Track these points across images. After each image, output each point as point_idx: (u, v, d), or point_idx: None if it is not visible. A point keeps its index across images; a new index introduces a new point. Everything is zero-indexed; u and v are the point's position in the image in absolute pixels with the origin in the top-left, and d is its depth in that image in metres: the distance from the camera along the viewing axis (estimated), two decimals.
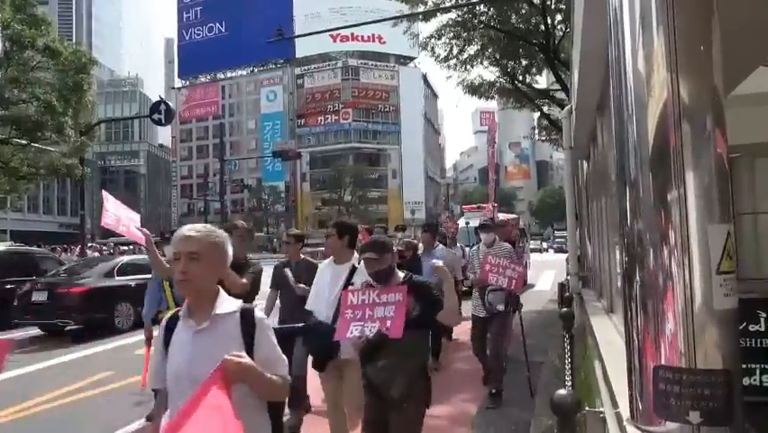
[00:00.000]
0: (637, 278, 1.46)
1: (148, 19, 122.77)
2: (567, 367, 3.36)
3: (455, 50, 14.02)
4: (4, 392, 6.18)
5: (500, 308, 5.50)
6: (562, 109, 9.87)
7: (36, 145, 21.91)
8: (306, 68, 76.06)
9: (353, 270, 3.74)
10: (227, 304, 1.96)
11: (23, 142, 21.52)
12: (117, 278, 10.96)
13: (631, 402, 1.52)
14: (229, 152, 67.97)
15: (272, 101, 76.81)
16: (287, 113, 76.55)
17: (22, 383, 6.76)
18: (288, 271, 4.92)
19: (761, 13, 2.48)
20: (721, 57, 1.39)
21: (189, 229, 1.97)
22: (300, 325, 3.80)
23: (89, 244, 31.88)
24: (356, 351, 3.03)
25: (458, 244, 9.48)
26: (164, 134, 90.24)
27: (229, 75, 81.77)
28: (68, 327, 10.47)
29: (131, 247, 29.29)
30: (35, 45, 20.60)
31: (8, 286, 11.14)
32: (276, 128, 75.45)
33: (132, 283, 10.60)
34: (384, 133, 74.70)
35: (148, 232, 4.54)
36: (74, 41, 35.33)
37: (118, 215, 4.96)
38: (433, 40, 13.95)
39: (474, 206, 21.80)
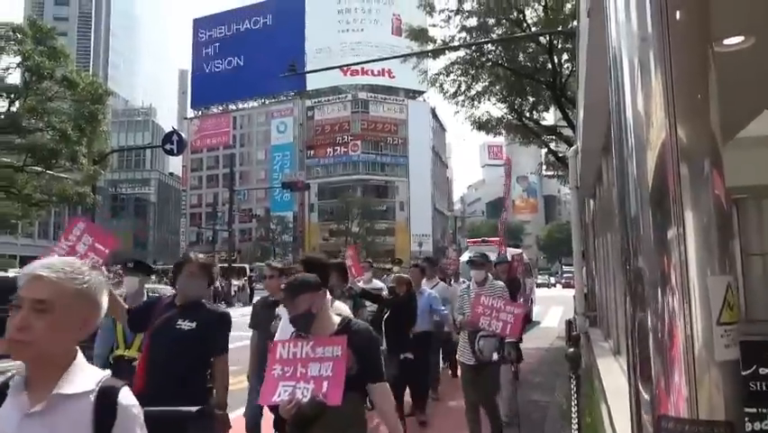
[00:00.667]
0: (639, 319, 1.46)
1: (162, 51, 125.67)
2: (574, 409, 3.32)
3: (463, 87, 14.24)
4: None
5: (494, 357, 4.86)
6: (569, 146, 9.97)
7: (50, 173, 22.24)
8: (316, 100, 77.19)
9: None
10: (82, 379, 1.39)
11: (38, 169, 21.87)
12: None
13: None
14: (239, 182, 68.52)
15: (282, 132, 77.75)
16: (296, 144, 77.37)
17: None
18: (281, 311, 4.27)
19: (764, 61, 2.54)
20: (718, 101, 1.43)
21: (43, 266, 1.38)
22: (189, 410, 2.53)
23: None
24: (286, 418, 2.43)
25: (461, 280, 9.46)
26: (175, 163, 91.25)
27: (240, 106, 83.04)
28: None
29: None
30: (54, 76, 21.13)
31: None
32: (285, 159, 76.16)
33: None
34: (392, 166, 75.20)
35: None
36: (91, 71, 36.14)
37: (76, 248, 3.96)
38: (441, 76, 14.19)
39: (479, 239, 21.58)
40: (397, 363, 5.14)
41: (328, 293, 2.88)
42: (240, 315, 7.48)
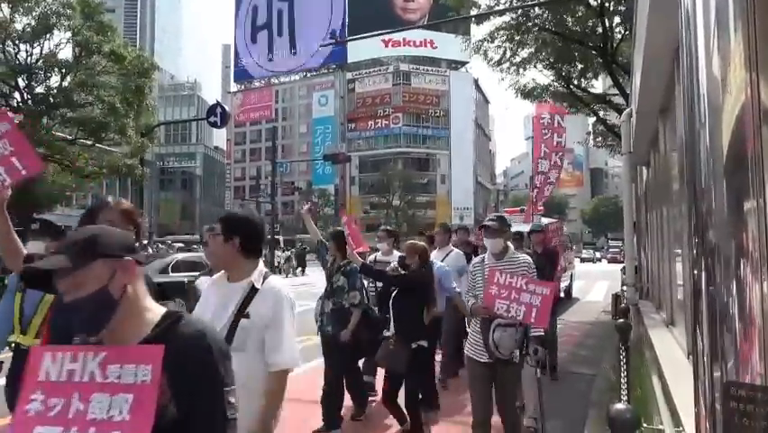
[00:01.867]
0: (708, 290, 1.35)
1: (206, 26, 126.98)
2: (623, 381, 3.19)
3: (508, 54, 13.79)
4: None
5: (515, 355, 3.68)
6: (620, 114, 9.52)
7: (100, 146, 22.97)
8: (357, 73, 76.76)
9: (252, 292, 2.29)
10: None
11: (88, 142, 22.59)
12: (171, 274, 11.30)
13: (697, 421, 1.41)
14: (281, 155, 69.31)
15: (324, 105, 77.85)
16: (338, 117, 77.41)
17: None
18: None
19: None
20: None
21: None
22: None
23: (147, 242, 33.10)
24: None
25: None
26: (219, 137, 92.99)
27: (282, 80, 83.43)
28: None
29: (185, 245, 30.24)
30: (102, 50, 21.61)
31: None
32: (327, 132, 76.39)
33: (185, 280, 10.90)
34: (434, 138, 74.45)
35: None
36: (137, 46, 36.89)
37: None
38: (485, 43, 13.77)
39: (518, 208, 20.89)
40: (406, 353, 4.16)
41: (261, 263, 2.31)
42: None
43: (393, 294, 4.43)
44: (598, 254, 55.24)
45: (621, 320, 4.62)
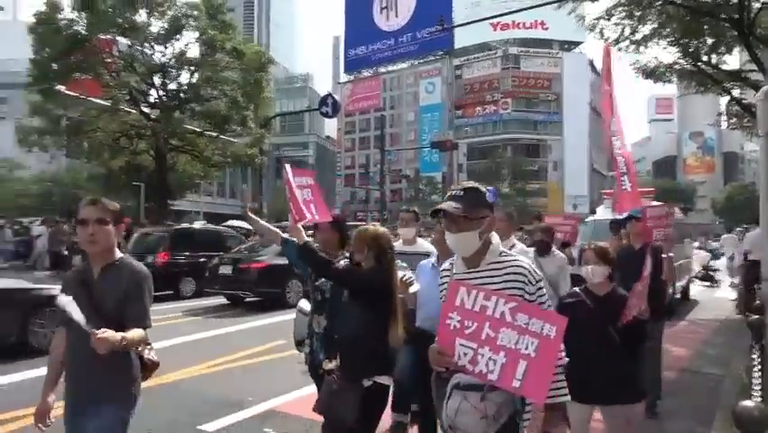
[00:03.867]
0: None
1: (318, 20, 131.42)
2: (756, 382, 2.95)
3: (627, 31, 12.88)
4: (204, 348, 7.51)
5: None
6: (757, 92, 8.59)
7: (224, 137, 24.79)
8: (464, 59, 75.67)
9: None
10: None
11: (214, 134, 24.44)
12: None
13: None
14: (389, 143, 70.29)
15: (431, 93, 77.69)
16: (445, 104, 76.96)
17: (214, 343, 8.01)
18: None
19: None
20: None
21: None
22: None
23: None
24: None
25: (578, 244, 6.59)
26: (330, 127, 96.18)
27: (390, 68, 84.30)
28: (248, 299, 11.73)
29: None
30: (224, 47, 23.20)
31: (201, 259, 12.82)
32: (434, 119, 76.26)
33: None
34: (545, 123, 71.67)
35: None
36: (255, 42, 39.12)
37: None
38: (601, 21, 12.97)
39: (646, 189, 19.06)
40: (354, 396, 2.79)
41: None
42: None
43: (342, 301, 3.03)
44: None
45: (755, 317, 4.24)
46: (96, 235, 2.30)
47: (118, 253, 2.41)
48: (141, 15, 22.69)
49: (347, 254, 3.28)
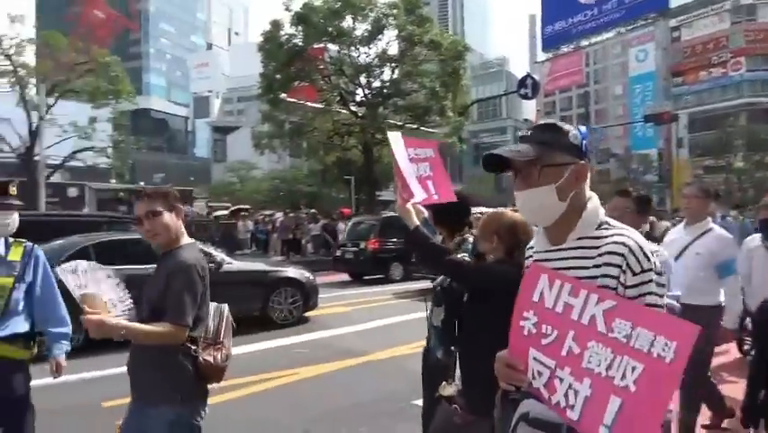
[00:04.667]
0: None
1: (511, 2, 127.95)
2: None
3: None
4: (412, 329, 7.57)
5: None
6: None
7: (423, 128, 25.64)
8: (682, 18, 66.85)
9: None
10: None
11: (414, 126, 25.43)
12: None
13: None
14: (594, 121, 65.73)
15: (642, 61, 70.34)
16: (659, 72, 69.07)
17: (420, 324, 8.14)
18: None
19: None
20: None
21: None
22: None
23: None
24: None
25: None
26: (528, 109, 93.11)
27: (593, 40, 78.39)
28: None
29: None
30: (422, 41, 23.92)
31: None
32: (647, 90, 68.97)
33: None
34: None
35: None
36: (449, 31, 39.60)
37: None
38: None
39: None
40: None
41: None
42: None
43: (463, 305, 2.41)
44: None
45: None
46: (154, 229, 2.16)
47: (183, 240, 2.24)
48: (347, 21, 24.50)
49: (469, 238, 2.78)
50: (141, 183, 28.09)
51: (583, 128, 1.41)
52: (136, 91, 32.06)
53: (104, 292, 2.00)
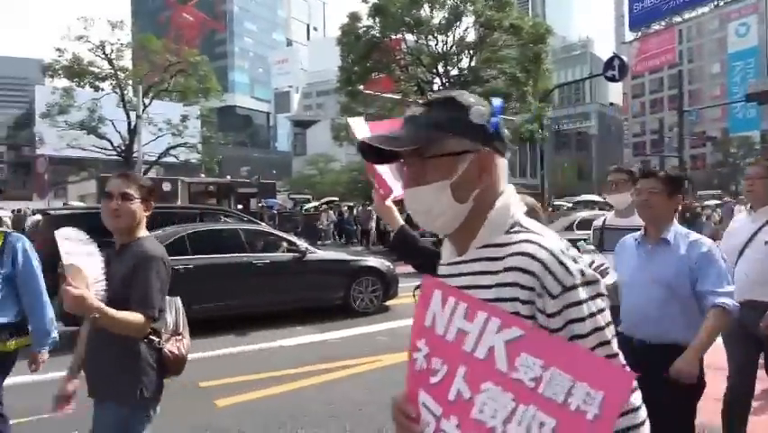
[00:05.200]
0: None
1: None
2: None
3: None
4: None
5: None
6: None
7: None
8: None
9: None
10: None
11: None
12: (576, 232, 11.53)
13: None
14: (687, 103, 61.35)
15: (743, 36, 64.94)
16: (763, 47, 63.45)
17: None
18: None
19: None
20: None
21: None
22: None
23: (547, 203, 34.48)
24: None
25: None
26: (614, 93, 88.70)
27: (686, 16, 73.22)
28: None
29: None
30: (501, 26, 23.34)
31: None
32: (748, 67, 63.67)
33: (586, 237, 10.98)
34: None
35: None
36: (529, 14, 38.37)
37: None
38: None
39: None
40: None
41: None
42: None
43: None
44: None
45: None
46: (120, 210, 2.12)
47: (141, 233, 2.21)
48: (425, 10, 24.33)
49: None
50: (228, 177, 29.41)
51: (498, 101, 0.98)
52: (223, 89, 33.58)
53: (87, 268, 1.97)
